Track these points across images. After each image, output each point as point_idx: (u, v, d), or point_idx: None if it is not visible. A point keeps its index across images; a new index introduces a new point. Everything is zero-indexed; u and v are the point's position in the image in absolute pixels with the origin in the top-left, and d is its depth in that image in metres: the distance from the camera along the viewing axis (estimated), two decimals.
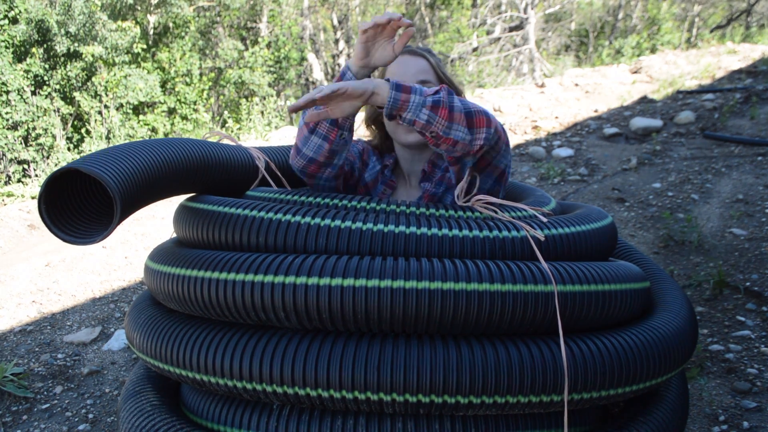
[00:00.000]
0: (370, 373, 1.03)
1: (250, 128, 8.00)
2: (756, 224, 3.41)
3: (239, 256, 1.14)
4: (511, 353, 1.07)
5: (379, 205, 1.27)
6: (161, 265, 1.26)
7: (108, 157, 1.07)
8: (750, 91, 6.67)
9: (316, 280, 1.05)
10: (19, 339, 2.65)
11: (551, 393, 1.07)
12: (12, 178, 8.89)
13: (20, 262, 3.52)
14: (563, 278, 1.13)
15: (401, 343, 1.06)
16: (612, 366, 1.13)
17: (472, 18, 16.06)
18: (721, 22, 17.70)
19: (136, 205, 1.10)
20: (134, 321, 1.36)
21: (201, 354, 1.13)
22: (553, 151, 5.49)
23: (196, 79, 12.03)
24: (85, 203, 1.12)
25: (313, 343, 1.07)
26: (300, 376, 1.05)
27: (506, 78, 12.93)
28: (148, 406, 1.33)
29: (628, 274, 1.31)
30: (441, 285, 1.05)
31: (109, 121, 8.85)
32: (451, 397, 1.04)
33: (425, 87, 1.36)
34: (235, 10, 14.27)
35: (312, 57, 16.95)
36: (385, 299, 1.04)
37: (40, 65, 10.14)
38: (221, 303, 1.12)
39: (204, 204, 1.32)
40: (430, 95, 1.21)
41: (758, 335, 2.35)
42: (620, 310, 1.25)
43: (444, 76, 1.53)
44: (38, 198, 1.01)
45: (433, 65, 1.52)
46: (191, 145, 1.33)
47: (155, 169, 1.15)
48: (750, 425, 1.85)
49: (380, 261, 1.08)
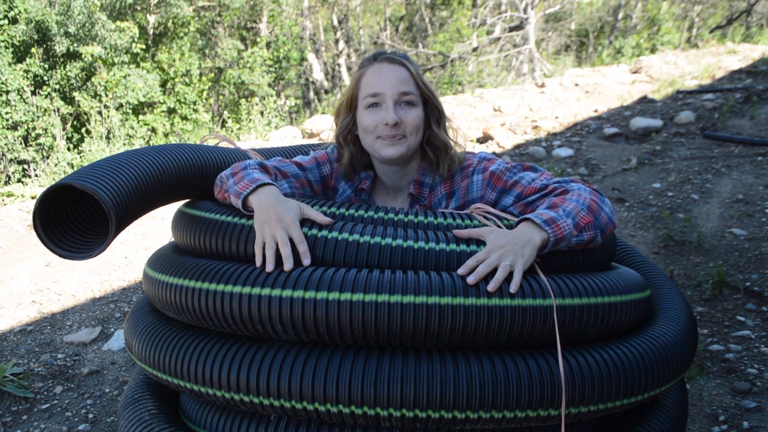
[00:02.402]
0: (366, 388, 1.02)
1: (250, 128, 8.00)
2: (756, 224, 3.40)
3: (236, 267, 1.13)
4: (508, 367, 1.06)
5: (377, 213, 1.26)
6: (160, 273, 1.26)
7: (102, 170, 1.06)
8: (750, 91, 6.67)
9: (312, 293, 1.05)
10: (19, 339, 2.65)
11: (548, 407, 1.07)
12: (12, 178, 8.89)
13: (20, 262, 3.52)
14: (562, 291, 1.13)
15: (398, 358, 1.06)
16: (610, 379, 1.12)
17: (472, 18, 16.05)
18: (721, 22, 17.70)
19: (131, 217, 1.10)
20: (133, 328, 1.36)
21: (198, 365, 1.12)
22: (553, 151, 5.49)
23: (195, 79, 12.03)
24: (80, 217, 1.11)
25: (309, 357, 1.06)
26: (297, 391, 1.04)
27: (506, 78, 12.93)
28: (146, 415, 1.33)
29: (629, 284, 1.29)
30: (438, 300, 1.04)
31: (109, 121, 8.85)
32: (447, 412, 1.03)
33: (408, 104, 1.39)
34: (235, 10, 14.27)
35: (312, 57, 16.95)
36: (381, 314, 1.04)
37: (39, 65, 10.14)
38: (218, 314, 1.11)
39: (201, 211, 1.31)
40: (570, 220, 1.21)
41: (758, 335, 2.35)
42: (620, 322, 1.24)
43: (424, 87, 1.43)
44: (33, 214, 1.01)
45: (413, 74, 1.42)
46: (186, 152, 1.33)
47: (150, 180, 1.15)
48: (750, 425, 1.85)
49: (378, 274, 1.07)
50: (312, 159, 1.51)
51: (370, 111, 1.40)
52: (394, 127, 1.37)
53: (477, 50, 14.39)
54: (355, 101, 1.45)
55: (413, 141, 1.41)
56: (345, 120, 1.47)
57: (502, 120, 6.64)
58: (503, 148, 5.80)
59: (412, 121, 1.39)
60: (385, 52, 1.46)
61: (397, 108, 1.38)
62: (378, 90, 1.38)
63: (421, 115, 1.42)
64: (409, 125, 1.39)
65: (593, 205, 1.27)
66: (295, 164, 1.47)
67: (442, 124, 1.47)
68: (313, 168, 1.50)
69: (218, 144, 1.68)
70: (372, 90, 1.39)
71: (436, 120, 1.46)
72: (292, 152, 1.89)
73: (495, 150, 5.75)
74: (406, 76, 1.40)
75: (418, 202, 1.51)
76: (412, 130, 1.40)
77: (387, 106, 1.37)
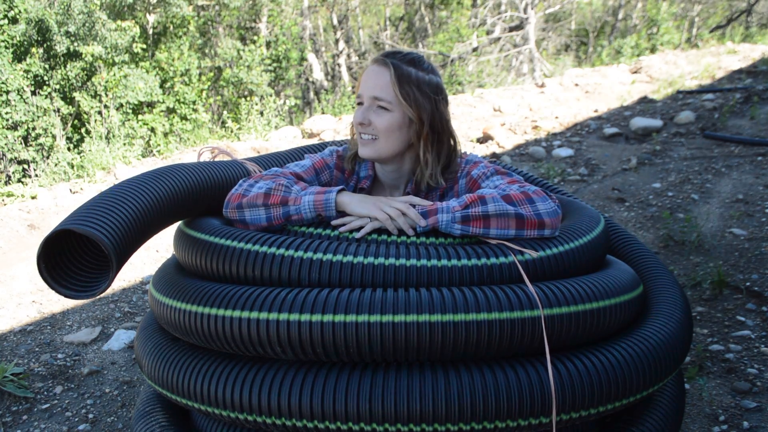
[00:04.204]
0: (362, 404, 1.06)
1: (249, 128, 7.99)
2: (756, 224, 3.41)
3: (237, 291, 1.17)
4: (498, 378, 1.08)
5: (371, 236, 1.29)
6: (164, 296, 1.30)
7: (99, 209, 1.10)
8: (750, 91, 6.68)
9: (308, 316, 1.09)
10: (19, 339, 2.65)
11: (539, 416, 1.09)
12: (12, 178, 8.88)
13: (20, 262, 3.52)
14: (550, 301, 1.14)
15: (391, 374, 1.09)
16: (601, 383, 1.13)
17: (472, 18, 16.05)
18: (721, 22, 17.69)
19: (132, 251, 1.15)
20: (143, 347, 1.40)
21: (204, 386, 1.17)
22: (553, 151, 5.49)
23: (195, 79, 12.02)
24: (82, 255, 1.15)
25: (307, 376, 1.11)
26: (296, 409, 1.09)
27: (506, 78, 12.93)
28: (157, 427, 1.40)
29: (620, 285, 1.30)
30: (429, 317, 1.07)
31: (109, 121, 8.84)
32: (441, 425, 1.06)
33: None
34: (235, 9, 14.26)
35: (312, 57, 16.94)
36: (375, 333, 1.07)
37: (39, 65, 10.13)
38: (221, 337, 1.16)
39: (200, 233, 1.33)
40: (459, 209, 1.26)
41: (758, 335, 2.35)
42: (611, 324, 1.25)
43: (405, 95, 1.39)
44: (37, 258, 1.05)
45: (393, 80, 1.39)
46: (182, 174, 1.35)
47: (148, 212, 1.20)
48: (750, 425, 1.85)
49: (370, 294, 1.11)
50: (311, 169, 1.53)
51: (356, 109, 1.47)
52: (363, 126, 1.44)
53: (477, 50, 14.39)
54: None
55: (386, 144, 1.44)
56: None
57: (502, 120, 6.64)
58: (503, 148, 5.79)
59: (380, 124, 1.42)
60: (389, 52, 1.47)
61: (370, 110, 1.43)
62: (360, 91, 1.45)
63: (394, 120, 1.42)
64: (380, 129, 1.43)
65: (508, 205, 1.27)
66: (295, 176, 1.47)
67: (430, 139, 1.45)
68: (313, 179, 1.52)
69: (214, 155, 1.68)
70: (357, 90, 1.47)
71: (416, 132, 1.44)
72: (289, 157, 1.89)
73: (495, 150, 5.75)
74: (384, 82, 1.40)
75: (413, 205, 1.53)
76: (383, 133, 1.43)
77: (363, 107, 1.44)
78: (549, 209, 1.28)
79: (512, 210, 1.25)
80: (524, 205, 1.26)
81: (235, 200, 1.35)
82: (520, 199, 1.27)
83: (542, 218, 1.26)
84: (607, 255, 1.57)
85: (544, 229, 1.28)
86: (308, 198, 1.30)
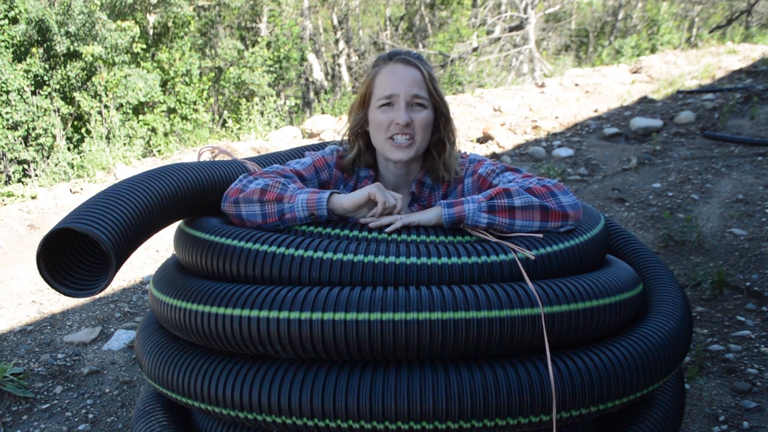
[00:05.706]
0: (362, 402, 1.06)
1: (250, 128, 7.99)
2: (756, 224, 3.41)
3: (237, 290, 1.17)
4: (498, 376, 1.08)
5: (370, 233, 1.29)
6: (164, 295, 1.30)
7: (99, 208, 1.10)
8: (750, 91, 6.67)
9: (308, 315, 1.09)
10: (19, 339, 2.65)
11: (539, 413, 1.09)
12: (12, 178, 8.88)
13: (20, 262, 3.52)
14: (550, 299, 1.14)
15: (391, 372, 1.09)
16: (601, 381, 1.13)
17: (472, 18, 16.05)
18: (721, 22, 17.68)
19: (131, 251, 1.15)
20: (143, 346, 1.41)
21: (204, 384, 1.17)
22: (553, 151, 5.49)
23: (195, 79, 12.02)
24: (81, 253, 1.16)
25: (308, 375, 1.11)
26: (296, 407, 1.09)
27: (506, 78, 12.92)
28: (157, 426, 1.40)
29: (619, 283, 1.30)
30: (429, 315, 1.07)
31: (109, 121, 8.84)
32: (441, 423, 1.06)
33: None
34: (235, 9, 14.26)
35: (312, 57, 16.94)
36: (375, 331, 1.07)
37: (40, 65, 10.13)
38: (221, 336, 1.16)
39: (201, 232, 1.33)
40: (484, 200, 1.27)
41: (758, 335, 2.35)
42: (611, 322, 1.25)
43: (435, 91, 1.47)
44: (37, 256, 1.05)
45: (425, 77, 1.45)
46: (182, 173, 1.36)
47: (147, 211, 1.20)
48: (750, 425, 1.85)
49: (370, 292, 1.10)
50: (311, 167, 1.53)
51: (383, 110, 1.45)
52: (405, 127, 1.43)
53: (477, 50, 14.39)
54: (368, 99, 1.49)
55: (421, 143, 1.47)
56: (358, 116, 1.52)
57: (502, 120, 6.64)
58: (503, 148, 5.79)
59: (421, 122, 1.44)
60: (401, 52, 1.49)
61: (408, 109, 1.43)
62: (392, 91, 1.43)
63: (431, 117, 1.47)
64: (419, 126, 1.44)
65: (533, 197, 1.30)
66: (295, 173, 1.49)
67: (448, 128, 1.52)
68: (313, 177, 1.53)
69: (215, 155, 1.68)
70: (386, 90, 1.44)
71: (443, 124, 1.51)
72: (289, 157, 1.90)
73: (495, 150, 5.75)
74: (420, 79, 1.45)
75: (418, 202, 1.55)
76: (421, 131, 1.45)
77: (399, 106, 1.43)
78: (572, 202, 1.32)
79: (537, 202, 1.27)
80: (548, 198, 1.29)
81: (232, 195, 1.36)
82: (543, 192, 1.30)
83: (566, 210, 1.30)
84: (607, 254, 1.57)
85: (567, 221, 1.31)
86: (302, 197, 1.31)
